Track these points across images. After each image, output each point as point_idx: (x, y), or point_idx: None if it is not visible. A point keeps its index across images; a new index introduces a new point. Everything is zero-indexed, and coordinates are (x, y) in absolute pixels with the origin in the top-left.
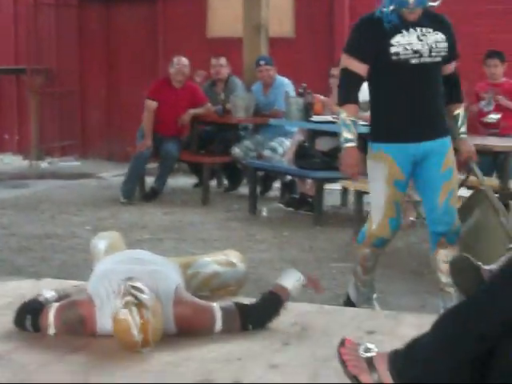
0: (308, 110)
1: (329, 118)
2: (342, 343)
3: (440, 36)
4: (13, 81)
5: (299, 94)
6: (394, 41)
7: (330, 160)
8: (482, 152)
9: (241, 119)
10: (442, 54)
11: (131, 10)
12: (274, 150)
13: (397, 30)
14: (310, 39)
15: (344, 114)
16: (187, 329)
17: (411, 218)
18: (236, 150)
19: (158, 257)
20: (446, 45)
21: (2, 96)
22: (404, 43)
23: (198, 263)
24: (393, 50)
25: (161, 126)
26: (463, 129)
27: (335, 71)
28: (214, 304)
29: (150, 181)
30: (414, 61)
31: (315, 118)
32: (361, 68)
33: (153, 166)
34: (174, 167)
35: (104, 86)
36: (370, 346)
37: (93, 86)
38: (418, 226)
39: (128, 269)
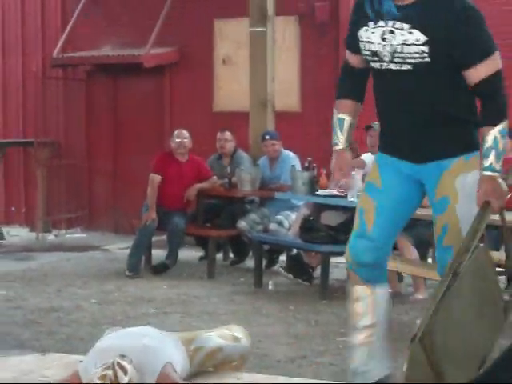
0: (313, 184)
1: (334, 192)
2: None
3: (415, 36)
4: (20, 153)
5: (305, 168)
6: (360, 34)
7: (336, 234)
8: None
9: (247, 192)
10: (414, 60)
11: (138, 83)
12: (280, 223)
13: (367, 20)
14: (315, 113)
15: (335, 113)
16: None
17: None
18: (242, 224)
19: (157, 333)
20: (422, 49)
21: (9, 168)
22: (365, 40)
23: (201, 338)
24: (361, 45)
25: (166, 200)
26: (489, 161)
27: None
28: None
29: (155, 253)
30: (375, 65)
31: (321, 191)
32: (354, 59)
33: (158, 238)
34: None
35: (111, 159)
36: None
37: (100, 159)
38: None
39: (122, 344)
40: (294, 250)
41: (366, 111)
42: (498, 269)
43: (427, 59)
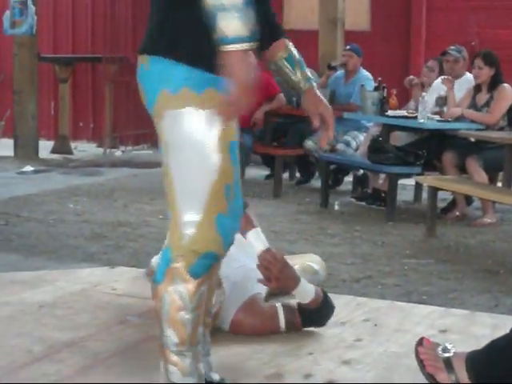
0: (383, 105)
1: (404, 113)
2: (420, 342)
3: None
4: (88, 69)
5: (375, 88)
6: None
7: (405, 155)
8: None
9: None
10: None
11: None
12: (347, 143)
13: None
14: (385, 32)
15: None
16: (241, 333)
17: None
18: (309, 143)
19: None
20: None
21: (77, 84)
22: None
23: None
24: None
25: None
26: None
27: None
28: (277, 304)
29: None
30: None
31: (390, 112)
32: None
33: None
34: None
35: None
36: (448, 346)
37: None
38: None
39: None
40: (361, 171)
41: None
42: None
43: None
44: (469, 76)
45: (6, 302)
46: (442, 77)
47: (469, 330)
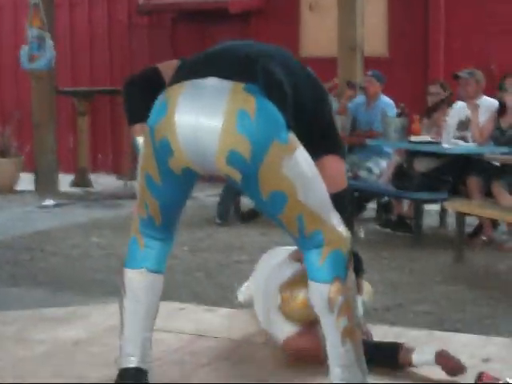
0: (405, 130)
1: (427, 138)
2: (479, 377)
3: None
4: (107, 101)
5: (397, 115)
6: None
7: (430, 181)
8: None
9: None
10: None
11: (225, 28)
12: (369, 170)
13: None
14: (404, 58)
15: None
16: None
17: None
18: None
19: None
20: None
21: (96, 116)
22: None
23: None
24: None
25: None
26: None
27: (433, 89)
28: None
29: (244, 201)
30: None
31: (413, 138)
32: None
33: None
34: None
35: None
36: (510, 381)
37: None
38: None
39: None
40: (385, 198)
41: None
42: None
43: None
44: (486, 99)
45: (41, 340)
46: (460, 102)
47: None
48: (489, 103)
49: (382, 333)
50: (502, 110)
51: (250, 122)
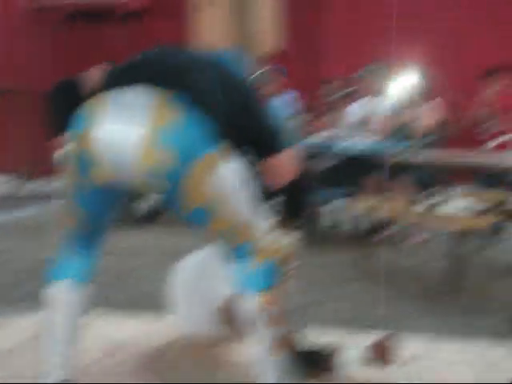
0: (301, 129)
1: (324, 136)
2: None
3: None
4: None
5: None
6: None
7: (327, 180)
8: None
9: None
10: None
11: (113, 29)
12: None
13: None
14: (300, 53)
15: None
16: None
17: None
18: None
19: None
20: None
21: None
22: None
23: None
24: None
25: None
26: None
27: (334, 85)
28: None
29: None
30: None
31: (311, 137)
32: None
33: None
34: None
35: None
36: None
37: None
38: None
39: None
40: None
41: None
42: None
43: None
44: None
45: None
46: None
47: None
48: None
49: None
50: (401, 106)
51: (171, 137)
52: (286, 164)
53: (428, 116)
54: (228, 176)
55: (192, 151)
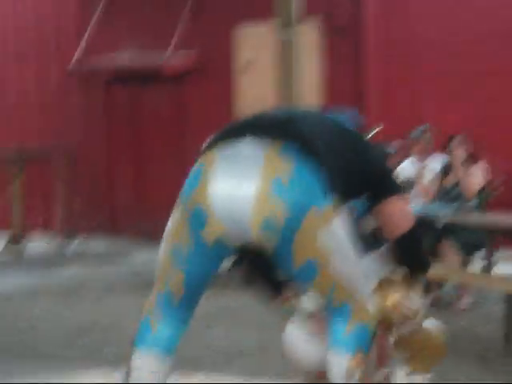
0: None
1: None
2: None
3: None
4: (39, 163)
5: None
6: None
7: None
8: None
9: None
10: None
11: (158, 91)
12: None
13: None
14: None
15: None
16: None
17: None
18: None
19: None
20: None
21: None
22: None
23: None
24: None
25: None
26: None
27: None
28: None
29: None
30: None
31: None
32: None
33: None
34: None
35: (131, 168)
36: None
37: (120, 169)
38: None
39: None
40: None
41: None
42: None
43: None
44: (433, 159)
45: None
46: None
47: None
48: (435, 163)
49: None
50: (446, 170)
51: (285, 189)
52: (399, 207)
53: (475, 178)
54: (339, 231)
55: (305, 203)
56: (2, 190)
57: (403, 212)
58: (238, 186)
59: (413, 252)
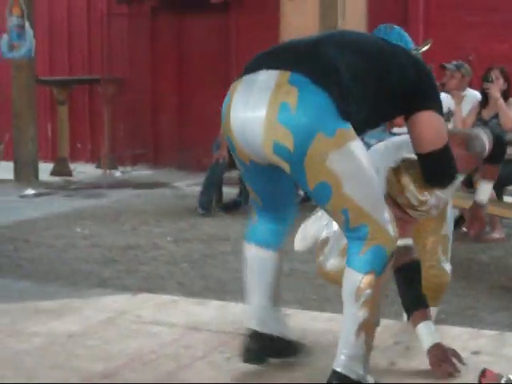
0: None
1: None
2: (483, 374)
3: None
4: (86, 91)
5: None
6: None
7: None
8: None
9: None
10: None
11: (203, 19)
12: None
13: None
14: None
15: None
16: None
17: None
18: None
19: None
20: None
21: (75, 106)
22: None
23: None
24: None
25: None
26: None
27: None
28: None
29: (226, 191)
30: None
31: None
32: None
33: (229, 175)
34: None
35: (175, 95)
36: None
37: (165, 95)
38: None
39: None
40: None
41: None
42: None
43: None
44: (469, 91)
45: (36, 333)
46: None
47: (500, 351)
48: (472, 95)
49: None
50: (484, 101)
51: (290, 114)
52: (434, 122)
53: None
54: (352, 155)
55: (310, 129)
56: (49, 117)
57: (434, 128)
58: (249, 112)
59: (438, 171)
